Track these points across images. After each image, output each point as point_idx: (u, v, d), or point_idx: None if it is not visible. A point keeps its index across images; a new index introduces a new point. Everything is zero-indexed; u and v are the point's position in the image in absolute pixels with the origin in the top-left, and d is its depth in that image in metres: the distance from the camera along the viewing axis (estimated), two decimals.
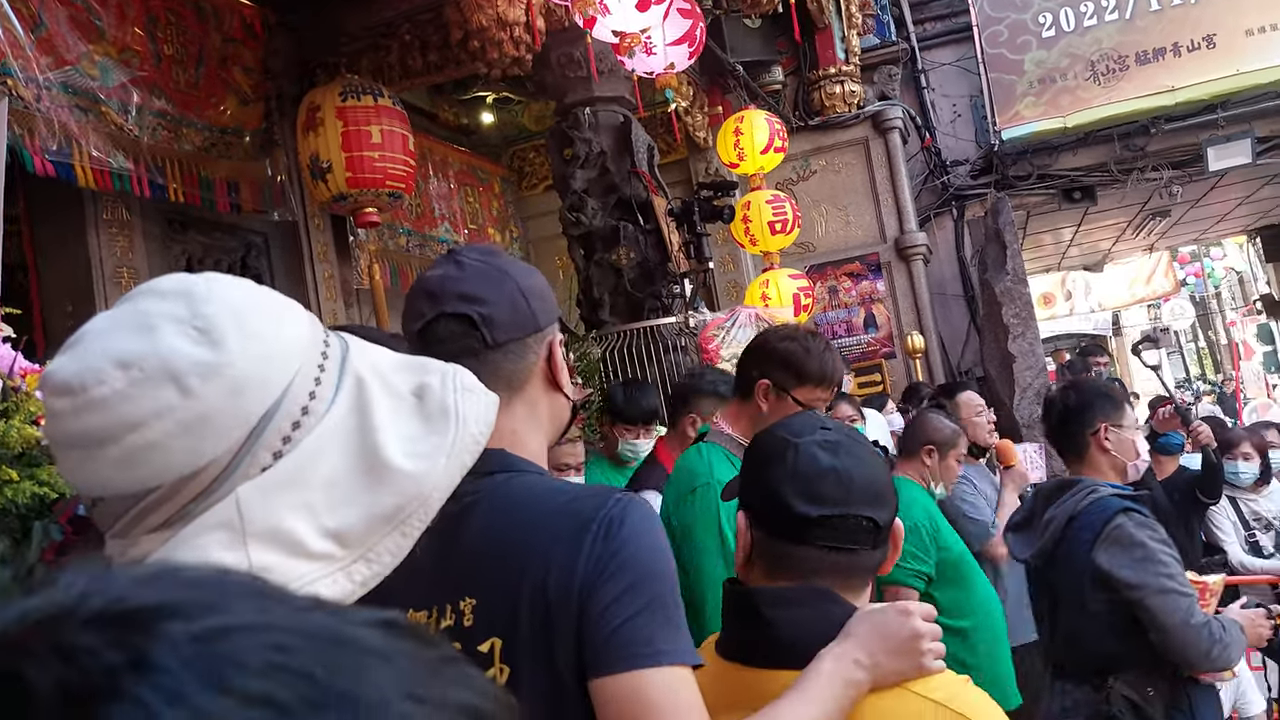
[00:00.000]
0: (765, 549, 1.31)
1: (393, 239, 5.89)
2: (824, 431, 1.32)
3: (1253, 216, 11.31)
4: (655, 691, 1.10)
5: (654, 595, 1.14)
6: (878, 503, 1.28)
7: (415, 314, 1.31)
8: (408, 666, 0.34)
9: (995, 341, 7.25)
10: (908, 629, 1.22)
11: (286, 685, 0.31)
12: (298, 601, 0.36)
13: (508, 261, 1.36)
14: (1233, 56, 7.51)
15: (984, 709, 1.20)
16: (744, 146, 5.99)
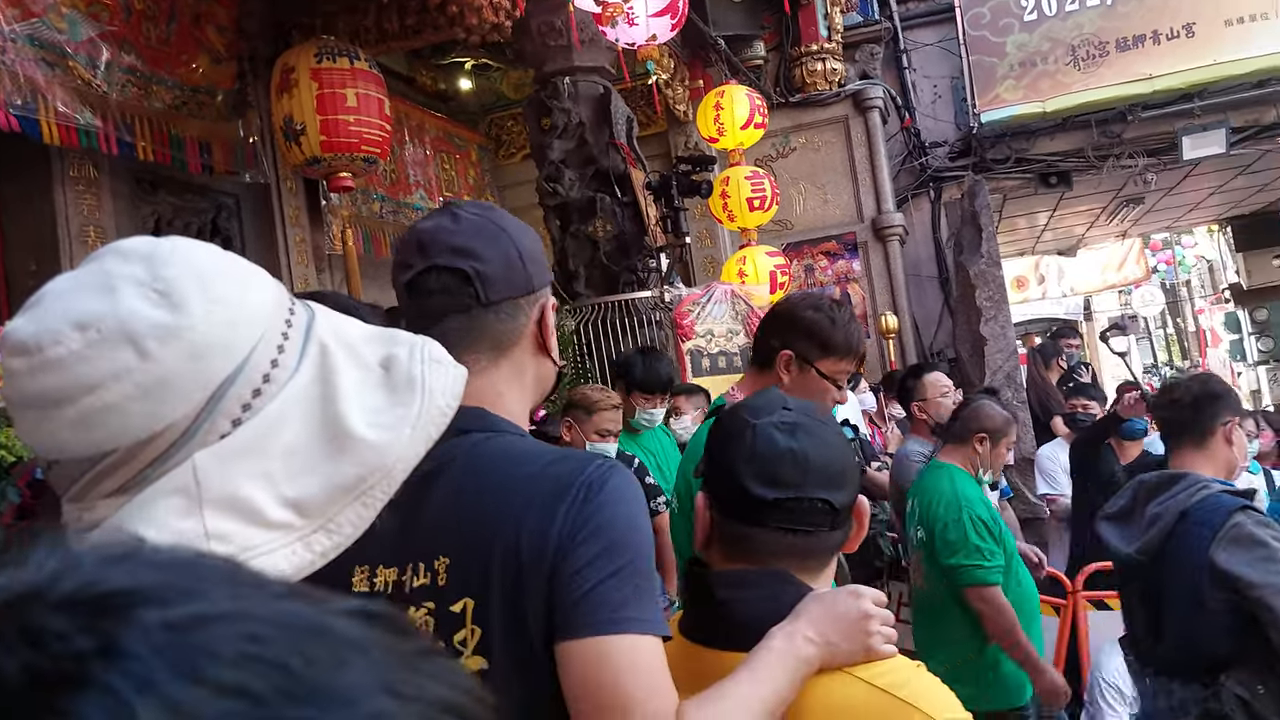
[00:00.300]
0: (723, 531, 1.30)
1: (366, 205, 5.82)
2: (784, 412, 1.30)
3: (1224, 206, 11.42)
4: (621, 658, 1.09)
5: (627, 562, 1.13)
6: (835, 485, 1.26)
7: (404, 265, 1.27)
8: (385, 659, 0.33)
9: (968, 324, 7.29)
10: (858, 610, 1.20)
11: (261, 676, 0.30)
12: (274, 589, 0.35)
13: (504, 218, 1.32)
14: (1211, 46, 7.54)
15: (933, 695, 1.18)
16: (724, 121, 5.95)
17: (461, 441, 1.22)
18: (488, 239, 1.26)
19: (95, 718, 0.28)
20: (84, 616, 0.31)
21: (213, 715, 0.29)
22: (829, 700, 1.18)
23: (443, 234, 1.25)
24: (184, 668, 0.30)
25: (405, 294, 1.26)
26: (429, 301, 1.24)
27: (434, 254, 1.24)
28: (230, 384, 0.74)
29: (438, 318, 1.25)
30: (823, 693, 1.18)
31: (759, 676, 1.16)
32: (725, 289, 4.75)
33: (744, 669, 1.16)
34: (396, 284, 1.28)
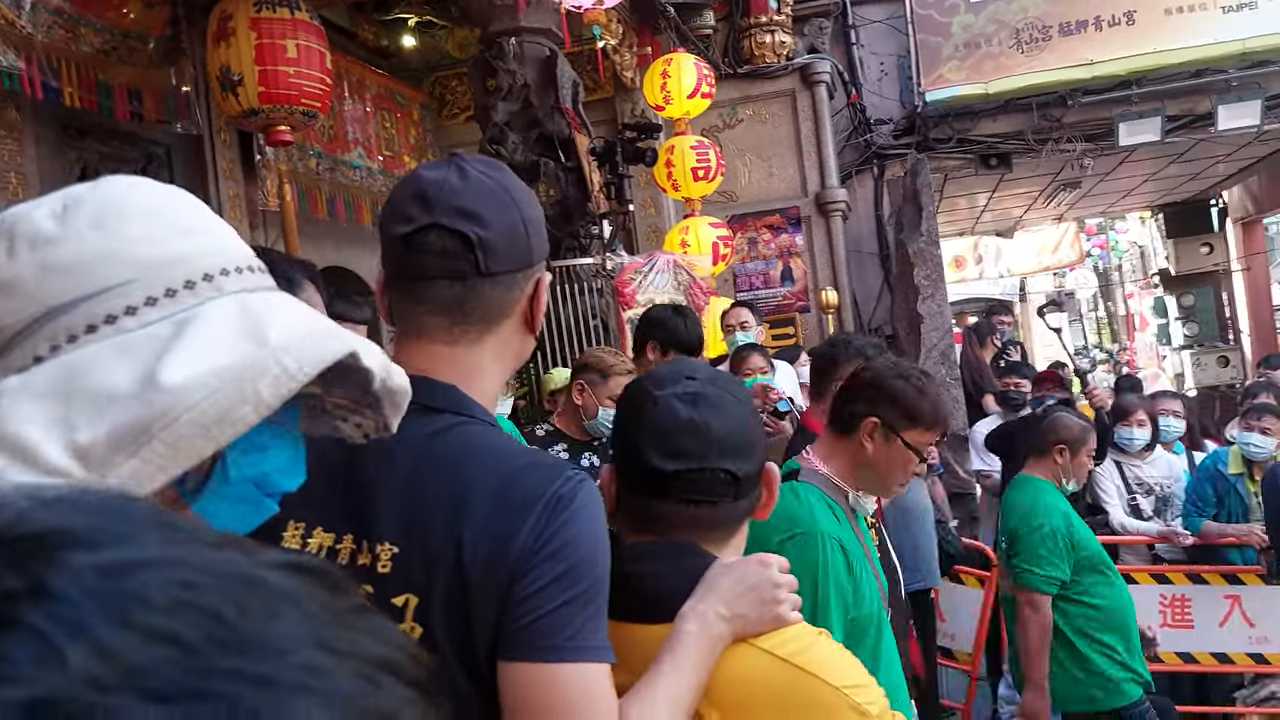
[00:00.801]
0: (629, 504, 1.29)
1: (302, 161, 5.68)
2: (688, 382, 1.28)
3: (1157, 193, 11.68)
4: (569, 686, 1.06)
5: (588, 586, 1.10)
6: (738, 454, 1.25)
7: (403, 216, 1.18)
8: (318, 613, 0.33)
9: (905, 301, 7.37)
10: (766, 579, 1.20)
11: (192, 624, 0.30)
12: (206, 537, 0.34)
13: (513, 183, 1.24)
14: (1150, 34, 7.67)
15: (833, 663, 1.19)
16: (671, 90, 5.92)
17: (429, 422, 1.17)
18: (495, 205, 1.19)
19: (22, 660, 0.28)
20: (10, 556, 0.30)
21: (143, 662, 0.28)
22: (732, 673, 1.18)
23: (448, 190, 1.18)
24: (114, 612, 0.29)
25: (399, 247, 1.19)
26: (424, 261, 1.18)
27: (437, 211, 1.17)
28: (66, 310, 0.71)
29: (430, 279, 1.19)
30: (725, 666, 1.18)
31: (682, 665, 1.15)
32: (668, 258, 4.74)
33: (666, 659, 1.15)
34: (388, 233, 1.20)
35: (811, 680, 1.16)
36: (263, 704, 0.29)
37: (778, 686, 1.17)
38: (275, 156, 5.23)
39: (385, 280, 1.25)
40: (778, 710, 1.16)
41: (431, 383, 1.20)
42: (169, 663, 0.29)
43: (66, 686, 0.27)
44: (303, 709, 0.29)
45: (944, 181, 9.03)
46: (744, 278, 7.79)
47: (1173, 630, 4.83)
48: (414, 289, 1.21)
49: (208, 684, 0.29)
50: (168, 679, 0.28)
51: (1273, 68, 7.91)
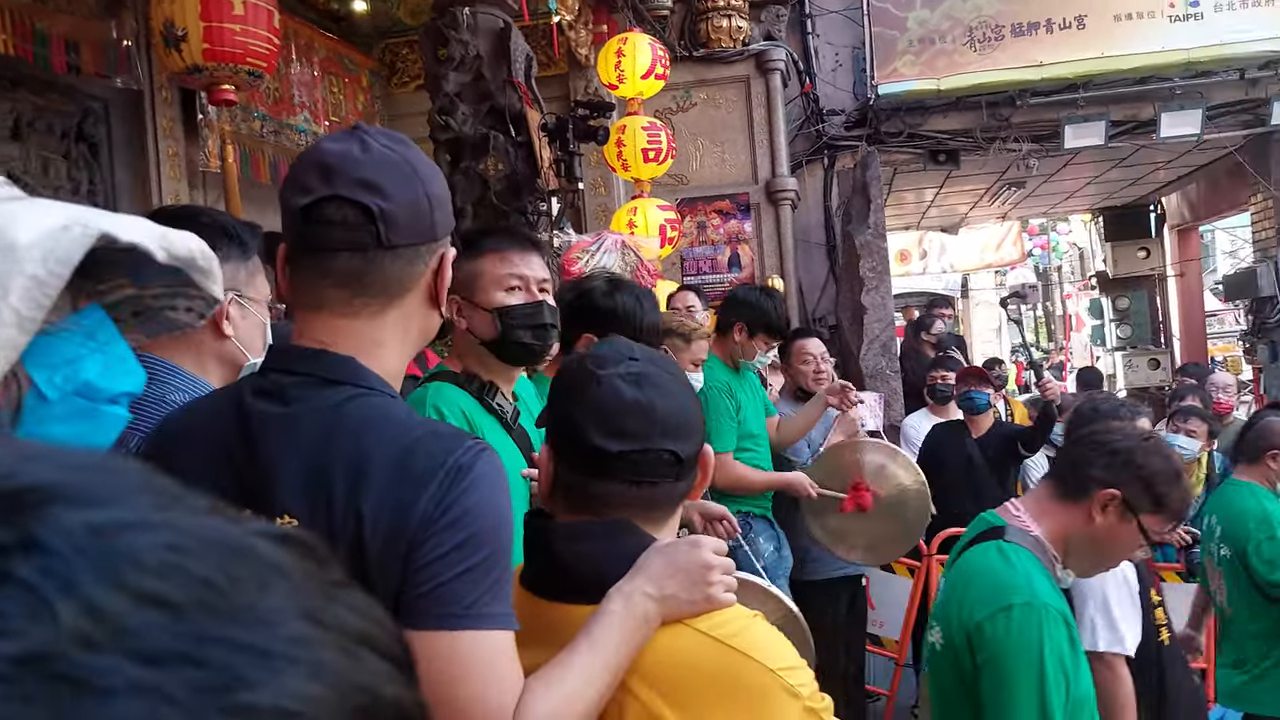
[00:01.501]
0: (567, 482, 1.28)
1: (246, 122, 5.54)
2: (631, 363, 1.28)
3: (1099, 196, 11.91)
4: (468, 654, 1.07)
5: (488, 554, 1.10)
6: (681, 435, 1.26)
7: (302, 188, 1.17)
8: (305, 585, 0.33)
9: (850, 292, 7.45)
10: (698, 560, 1.21)
11: (184, 588, 0.30)
12: (194, 502, 0.34)
13: (418, 156, 1.23)
14: (1099, 39, 7.80)
15: (767, 645, 1.20)
16: (625, 69, 5.87)
17: (328, 394, 1.16)
18: (398, 177, 1.18)
19: (13, 614, 0.28)
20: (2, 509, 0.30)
21: (134, 624, 0.28)
22: (666, 654, 1.18)
23: (350, 162, 1.16)
24: (106, 572, 0.29)
25: (298, 219, 1.17)
26: (324, 232, 1.16)
27: (338, 182, 1.16)
28: None
29: (330, 252, 1.18)
30: (660, 646, 1.18)
31: (599, 644, 1.14)
32: (616, 238, 4.71)
33: (583, 638, 1.15)
34: (288, 205, 1.19)
35: (746, 661, 1.17)
36: (253, 673, 0.29)
37: (713, 667, 1.17)
38: (218, 116, 5.10)
39: (285, 254, 1.24)
40: (713, 690, 1.16)
41: (329, 355, 1.19)
42: (159, 626, 0.29)
43: (57, 643, 0.27)
44: (291, 680, 0.30)
45: (893, 175, 9.11)
46: (691, 262, 7.80)
47: None
48: (314, 261, 1.20)
49: (199, 650, 0.29)
50: (158, 642, 0.28)
51: (1215, 78, 8.10)
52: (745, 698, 1.15)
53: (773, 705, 1.15)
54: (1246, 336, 9.83)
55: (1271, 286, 8.77)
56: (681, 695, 1.16)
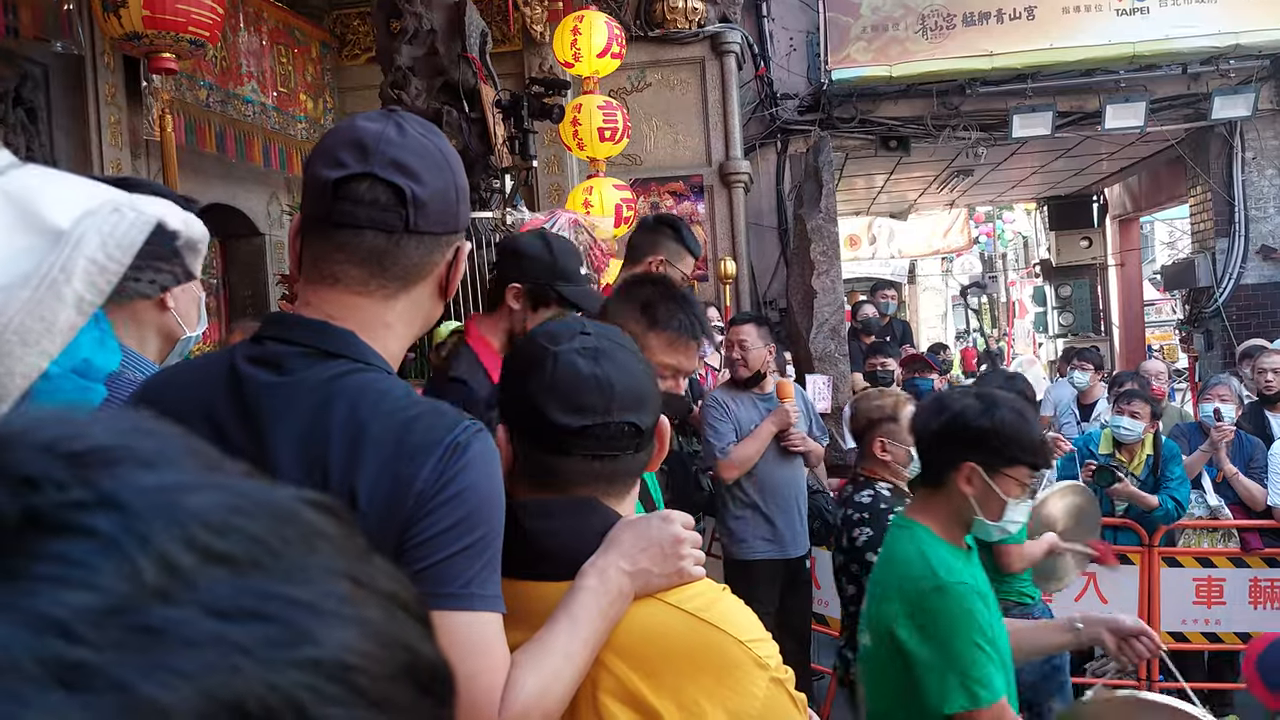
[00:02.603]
0: (529, 461, 1.28)
1: (191, 91, 5.42)
2: (584, 337, 1.28)
3: (1043, 186, 12.11)
4: (458, 634, 1.07)
5: (482, 535, 1.10)
6: (639, 407, 1.26)
7: (335, 161, 1.16)
8: (346, 548, 0.34)
9: (801, 276, 7.49)
10: (669, 534, 1.22)
11: (243, 546, 0.31)
12: (236, 467, 0.36)
13: (448, 147, 1.24)
14: (1048, 31, 7.92)
15: (736, 618, 1.22)
16: (581, 47, 5.84)
17: (326, 366, 1.16)
18: (432, 165, 1.19)
19: (99, 568, 0.29)
20: (71, 467, 0.31)
21: (204, 580, 0.30)
22: (640, 627, 1.20)
23: (386, 142, 1.16)
24: (178, 530, 0.30)
25: (328, 192, 1.16)
26: (353, 209, 1.16)
27: (374, 160, 1.15)
28: None
29: (355, 229, 1.17)
30: (632, 620, 1.20)
31: (578, 620, 1.15)
32: (569, 217, 4.69)
33: (562, 615, 1.16)
34: (317, 177, 1.17)
35: (717, 634, 1.19)
36: (313, 628, 0.31)
37: (684, 639, 1.19)
38: (161, 84, 4.97)
39: (302, 224, 1.23)
40: (684, 662, 1.18)
41: (331, 328, 1.19)
42: (225, 584, 0.30)
43: (138, 596, 0.29)
44: (346, 635, 0.31)
45: (844, 160, 9.18)
46: None
47: None
48: (336, 236, 1.19)
49: (264, 605, 0.30)
50: (227, 598, 0.30)
51: (1159, 72, 8.27)
52: (716, 668, 1.17)
53: (743, 676, 1.17)
54: (1183, 325, 10.08)
55: (1208, 277, 9.00)
56: (654, 667, 1.18)
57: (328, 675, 0.30)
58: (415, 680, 0.34)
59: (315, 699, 0.30)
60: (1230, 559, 5.06)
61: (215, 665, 0.29)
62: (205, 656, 0.29)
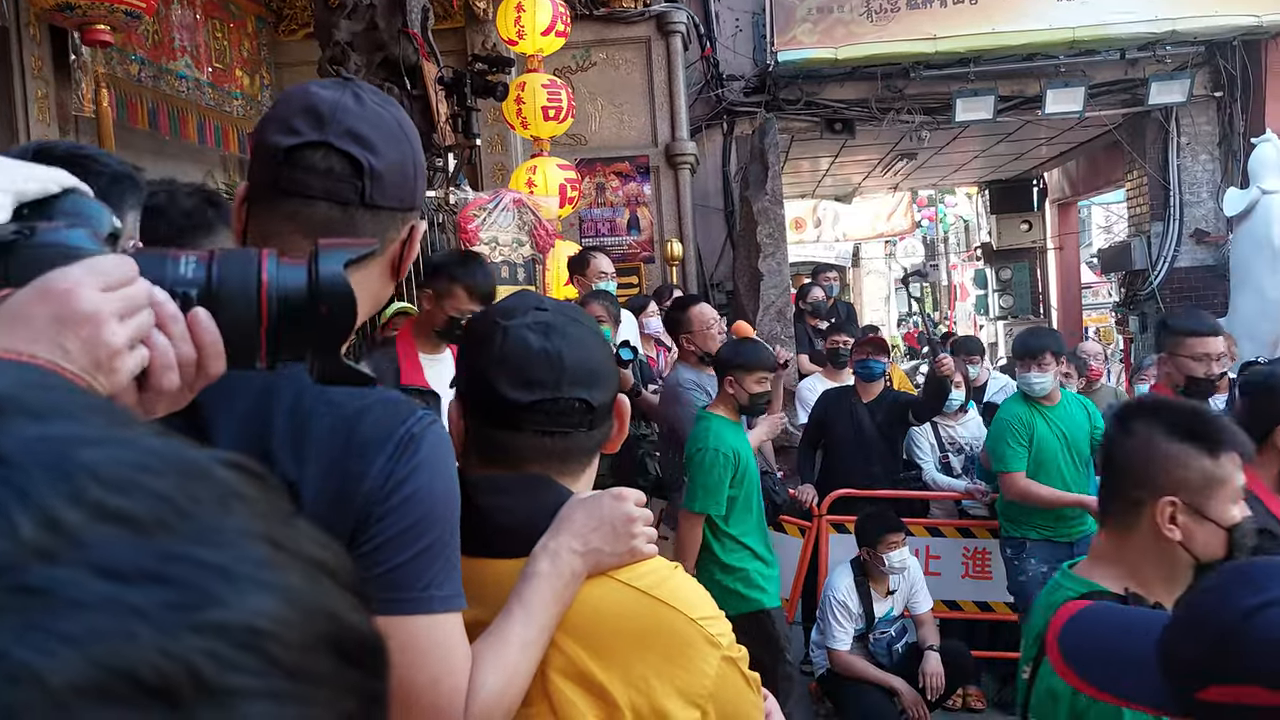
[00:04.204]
0: (479, 437, 1.27)
1: (123, 65, 5.25)
2: (537, 312, 1.26)
3: (985, 170, 12.27)
4: (426, 640, 1.05)
5: (438, 536, 1.07)
6: (591, 383, 1.24)
7: (289, 128, 1.11)
8: (265, 510, 0.33)
9: (747, 258, 7.52)
10: (620, 512, 1.21)
11: (145, 505, 0.29)
12: (148, 426, 0.34)
13: (406, 120, 1.19)
14: (990, 15, 8.00)
15: (688, 596, 1.21)
16: (525, 25, 5.77)
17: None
18: (390, 138, 1.14)
19: None
20: None
21: (95, 538, 0.28)
22: (589, 606, 1.19)
23: (343, 111, 1.11)
24: (64, 485, 0.29)
25: (279, 159, 1.11)
26: (305, 178, 1.10)
27: (330, 129, 1.10)
28: None
29: (307, 199, 1.11)
30: (583, 598, 1.18)
31: (531, 608, 1.14)
32: (513, 197, 4.64)
33: (516, 604, 1.14)
34: (268, 143, 1.12)
35: (668, 611, 1.17)
36: (222, 591, 0.29)
37: (635, 617, 1.18)
38: (92, 58, 4.81)
39: (249, 192, 1.18)
40: (635, 640, 1.17)
41: None
42: (119, 543, 0.28)
43: (14, 554, 0.27)
44: (259, 599, 0.30)
45: (790, 143, 9.20)
46: (590, 223, 7.75)
47: (973, 581, 5.16)
48: (286, 205, 1.14)
49: (165, 567, 0.28)
50: (122, 558, 0.28)
51: (1098, 57, 8.41)
52: (667, 647, 1.16)
53: (694, 654, 1.16)
54: (1119, 308, 10.30)
55: (1144, 260, 9.20)
56: (604, 646, 1.17)
57: (235, 642, 0.28)
58: (339, 650, 0.32)
59: (219, 666, 0.28)
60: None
61: (103, 630, 0.27)
62: (92, 620, 0.27)
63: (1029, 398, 4.61)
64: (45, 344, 0.66)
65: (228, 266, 0.81)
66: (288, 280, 0.82)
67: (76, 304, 0.68)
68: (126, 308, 0.71)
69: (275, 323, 0.81)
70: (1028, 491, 4.52)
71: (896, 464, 5.36)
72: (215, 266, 0.81)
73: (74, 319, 0.67)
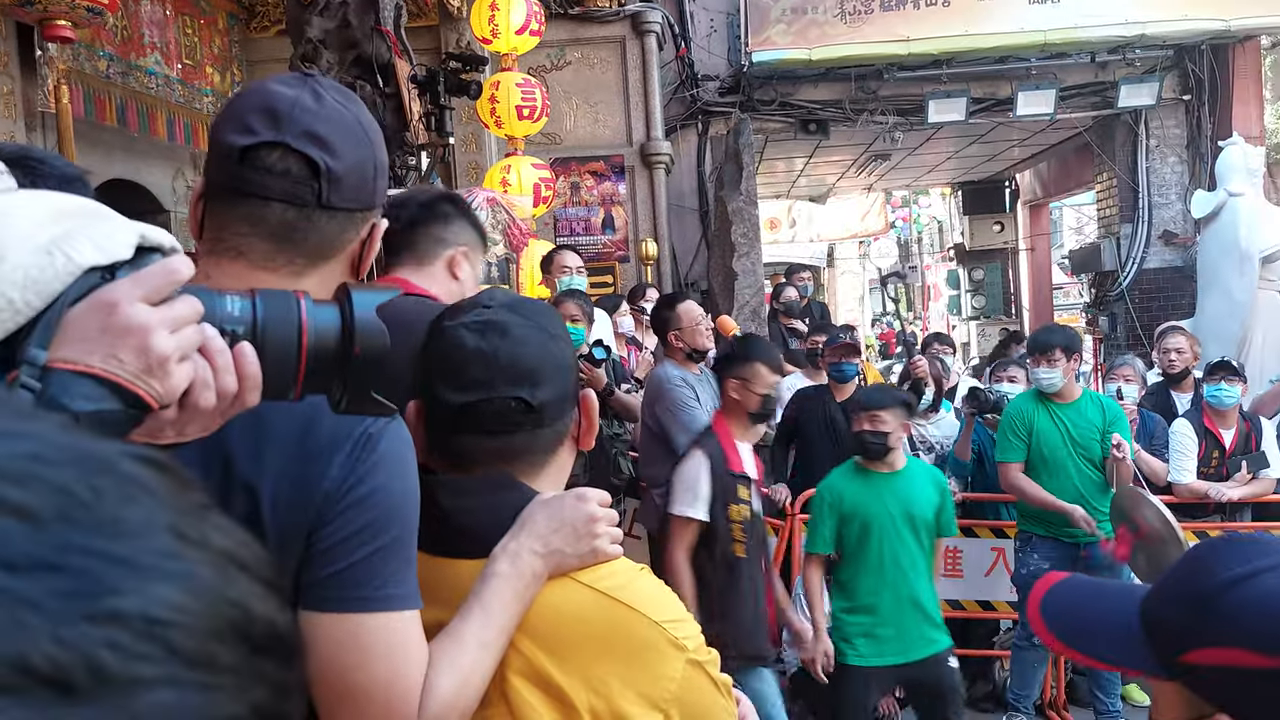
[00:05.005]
0: (433, 439, 1.26)
1: (91, 61, 5.19)
2: (481, 310, 1.24)
3: (958, 171, 12.36)
4: (382, 638, 1.04)
5: (395, 535, 1.06)
6: (529, 381, 1.22)
7: (244, 127, 1.09)
8: (172, 503, 0.32)
9: (722, 258, 7.52)
10: (583, 513, 1.20)
11: (43, 497, 0.29)
12: (55, 419, 0.34)
13: (367, 119, 1.17)
14: (963, 17, 8.05)
15: (652, 598, 1.20)
16: (499, 23, 5.74)
17: None
18: (350, 137, 1.12)
19: None
20: None
21: None
22: (549, 608, 1.18)
23: (301, 110, 1.09)
24: None
25: (234, 159, 1.09)
26: (265, 180, 1.09)
27: (287, 129, 1.08)
28: None
29: (264, 200, 1.10)
30: (544, 600, 1.17)
31: (490, 609, 1.13)
32: (487, 195, 4.61)
33: (475, 604, 1.13)
34: (224, 142, 1.10)
35: (631, 614, 1.16)
36: (119, 581, 0.29)
37: (597, 620, 1.17)
38: (58, 53, 4.75)
39: (205, 190, 1.15)
40: (596, 643, 1.16)
41: None
42: (17, 535, 0.28)
43: None
44: (159, 588, 0.29)
45: (764, 143, 9.23)
46: (565, 222, 7.74)
47: (946, 579, 5.19)
48: (242, 206, 1.12)
49: (61, 558, 0.28)
50: (16, 549, 0.28)
51: (1069, 60, 8.49)
52: (628, 650, 1.15)
53: (656, 657, 1.15)
54: (1089, 308, 10.39)
55: (1113, 261, 9.29)
56: (565, 649, 1.16)
57: (134, 630, 0.28)
58: (247, 640, 0.32)
59: (116, 655, 0.27)
60: None
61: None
62: None
63: (1041, 393, 4.68)
64: (100, 354, 0.71)
65: (270, 307, 0.87)
66: (323, 321, 0.88)
67: (124, 316, 0.73)
68: (174, 321, 0.76)
69: (311, 362, 0.87)
70: (1016, 485, 4.61)
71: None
72: (259, 306, 0.86)
73: (123, 329, 0.73)
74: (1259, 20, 8.11)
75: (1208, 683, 0.88)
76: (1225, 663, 0.86)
